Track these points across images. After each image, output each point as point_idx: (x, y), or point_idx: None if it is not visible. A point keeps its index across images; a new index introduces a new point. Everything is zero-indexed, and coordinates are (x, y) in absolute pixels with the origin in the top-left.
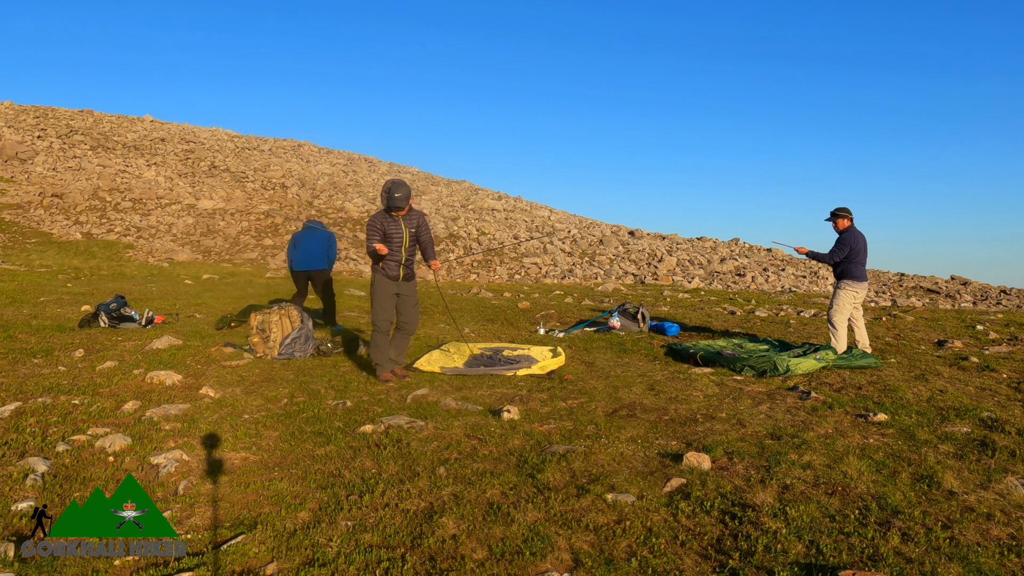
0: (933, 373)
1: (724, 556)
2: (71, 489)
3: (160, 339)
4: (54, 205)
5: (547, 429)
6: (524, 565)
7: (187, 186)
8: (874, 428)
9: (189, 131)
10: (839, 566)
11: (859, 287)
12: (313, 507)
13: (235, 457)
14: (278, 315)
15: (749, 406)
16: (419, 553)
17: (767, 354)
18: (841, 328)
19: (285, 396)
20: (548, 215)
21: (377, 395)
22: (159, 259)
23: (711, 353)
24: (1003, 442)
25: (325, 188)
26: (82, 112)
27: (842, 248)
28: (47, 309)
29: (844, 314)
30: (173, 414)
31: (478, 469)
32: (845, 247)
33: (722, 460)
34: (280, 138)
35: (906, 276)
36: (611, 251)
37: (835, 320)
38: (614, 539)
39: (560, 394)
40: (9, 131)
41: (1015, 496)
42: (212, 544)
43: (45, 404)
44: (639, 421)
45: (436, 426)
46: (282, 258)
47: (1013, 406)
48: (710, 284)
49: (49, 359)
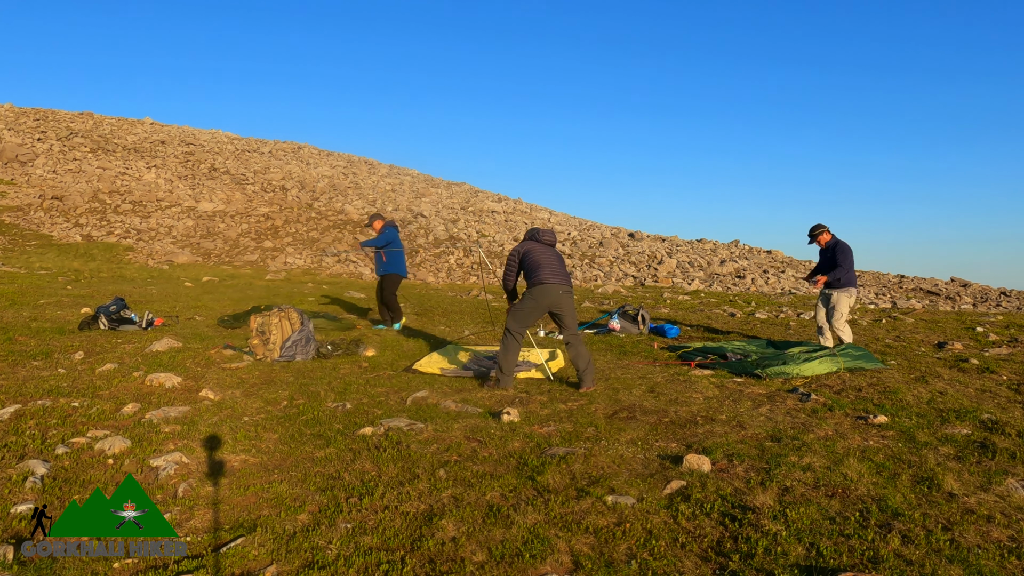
0: (933, 375)
1: (724, 558)
2: (70, 491)
3: (160, 341)
4: (54, 207)
5: (547, 431)
6: (524, 567)
7: (187, 188)
8: (874, 430)
9: (189, 133)
10: (839, 568)
11: (856, 291)
12: (313, 509)
13: (235, 459)
14: (277, 317)
15: (749, 408)
16: (419, 555)
17: (775, 358)
18: (849, 331)
19: (285, 398)
20: (548, 217)
21: (377, 397)
22: (159, 261)
23: (713, 353)
24: (1003, 444)
25: (325, 190)
26: (82, 114)
27: (849, 257)
28: (47, 311)
29: (847, 318)
30: (173, 416)
31: (478, 471)
32: (850, 254)
33: (722, 462)
34: (280, 140)
35: (906, 278)
36: (611, 253)
37: (845, 327)
38: (614, 541)
39: (560, 396)
40: (9, 133)
41: (1015, 498)
42: (212, 546)
43: (45, 406)
44: (639, 423)
45: (436, 428)
46: (282, 260)
47: (1013, 408)
48: (710, 286)
49: (49, 361)
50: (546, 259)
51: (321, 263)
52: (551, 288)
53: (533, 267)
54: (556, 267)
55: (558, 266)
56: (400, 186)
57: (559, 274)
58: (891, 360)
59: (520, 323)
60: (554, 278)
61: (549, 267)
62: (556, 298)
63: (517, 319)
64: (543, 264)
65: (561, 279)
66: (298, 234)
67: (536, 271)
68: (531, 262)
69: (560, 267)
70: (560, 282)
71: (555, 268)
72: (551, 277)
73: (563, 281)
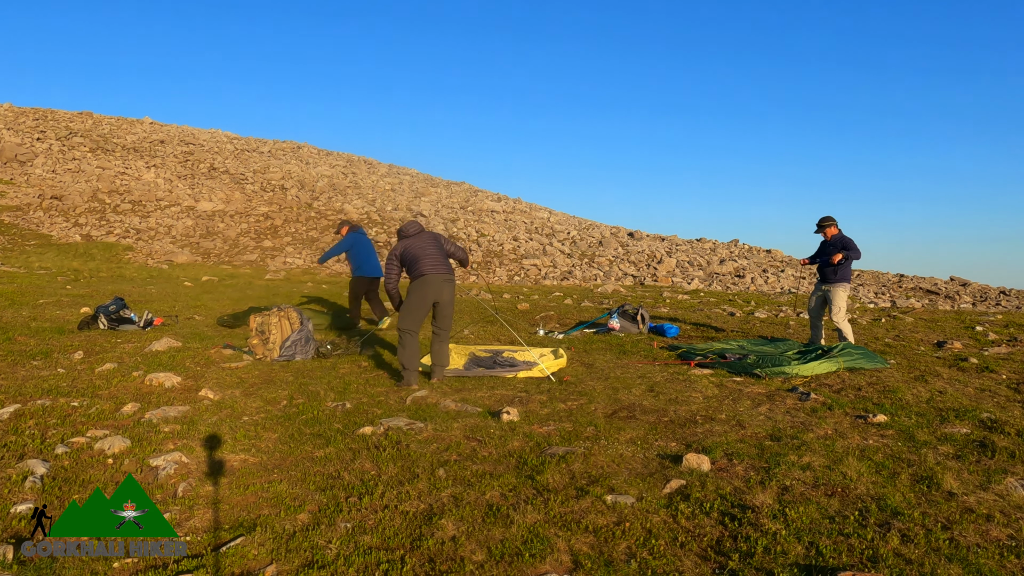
0: (933, 374)
1: (724, 557)
2: (70, 491)
3: (159, 341)
4: (53, 207)
5: (546, 431)
6: (523, 567)
7: (186, 188)
8: (874, 429)
9: (188, 133)
10: (839, 567)
11: (850, 286)
12: (312, 509)
13: (234, 459)
14: (277, 317)
15: (748, 407)
16: (418, 555)
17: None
18: (848, 326)
19: (284, 398)
20: (548, 216)
21: (376, 397)
22: (158, 261)
23: (713, 352)
24: (1003, 443)
25: (324, 190)
26: (81, 114)
27: (855, 247)
28: (46, 311)
29: (845, 312)
30: (172, 416)
31: (477, 471)
32: (855, 245)
33: (722, 461)
34: (279, 140)
35: (905, 277)
36: (610, 252)
37: (844, 321)
38: (613, 541)
39: (559, 396)
40: (8, 133)
41: (1015, 497)
42: (212, 546)
43: (44, 406)
44: (639, 422)
45: (435, 428)
46: (282, 260)
47: (1012, 407)
48: (709, 285)
49: (48, 361)
50: (424, 251)
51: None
52: (432, 278)
53: (413, 262)
54: (436, 257)
55: (438, 255)
56: (400, 185)
57: (439, 264)
58: (890, 359)
59: (411, 321)
60: (434, 268)
61: (428, 258)
62: (439, 287)
63: (408, 317)
64: (421, 257)
65: (441, 269)
66: (297, 234)
67: (416, 265)
68: (410, 257)
69: (440, 256)
70: (440, 272)
71: (435, 258)
72: (431, 268)
73: (443, 271)
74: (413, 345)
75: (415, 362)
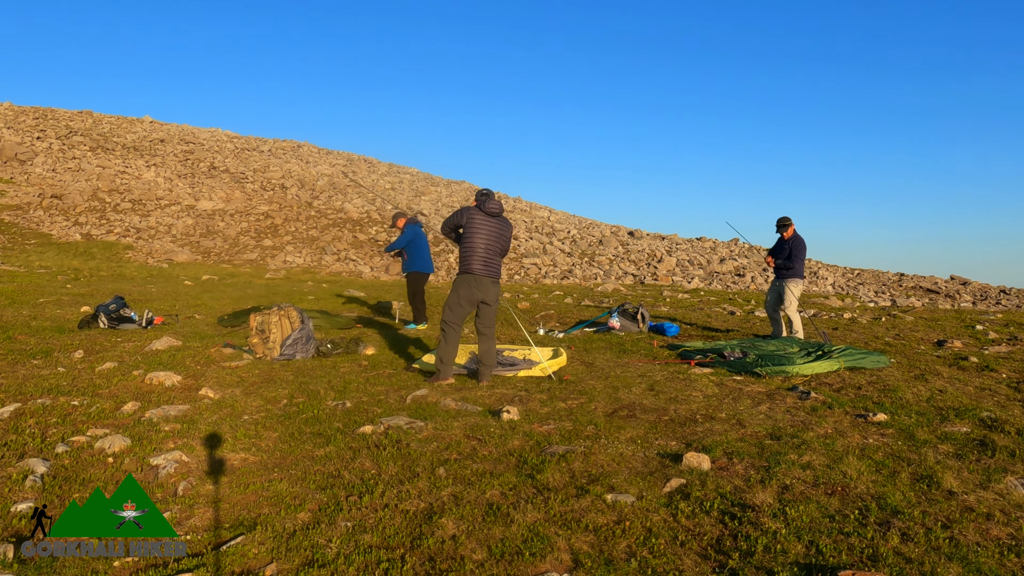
0: (933, 373)
1: (724, 556)
2: (70, 490)
3: (160, 340)
4: (53, 206)
5: (547, 429)
6: (524, 566)
7: (186, 187)
8: (874, 428)
9: (188, 132)
10: (839, 566)
11: (803, 281)
12: (313, 508)
13: (235, 458)
14: (277, 316)
15: (749, 406)
16: (419, 554)
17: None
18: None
19: (285, 397)
20: (548, 215)
21: (377, 396)
22: (158, 260)
23: (713, 352)
24: (1003, 442)
25: (325, 189)
26: (81, 113)
27: (803, 253)
28: (46, 310)
29: (796, 305)
30: (172, 415)
31: (478, 470)
32: (804, 251)
33: (722, 460)
34: (279, 139)
35: (905, 276)
36: (611, 251)
37: (795, 312)
38: (614, 539)
39: (560, 394)
40: (8, 132)
41: (1015, 496)
42: (212, 545)
43: (44, 405)
44: (639, 421)
45: (436, 427)
46: (282, 259)
47: (1013, 406)
48: (710, 284)
49: (48, 360)
50: (487, 242)
51: (321, 262)
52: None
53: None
54: (492, 255)
55: (495, 254)
56: (400, 184)
57: (492, 264)
58: (891, 358)
59: (455, 315)
60: (486, 269)
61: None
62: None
63: (452, 311)
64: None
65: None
66: (298, 232)
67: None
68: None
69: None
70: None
71: (490, 257)
72: (482, 267)
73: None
74: (455, 339)
75: (452, 357)
